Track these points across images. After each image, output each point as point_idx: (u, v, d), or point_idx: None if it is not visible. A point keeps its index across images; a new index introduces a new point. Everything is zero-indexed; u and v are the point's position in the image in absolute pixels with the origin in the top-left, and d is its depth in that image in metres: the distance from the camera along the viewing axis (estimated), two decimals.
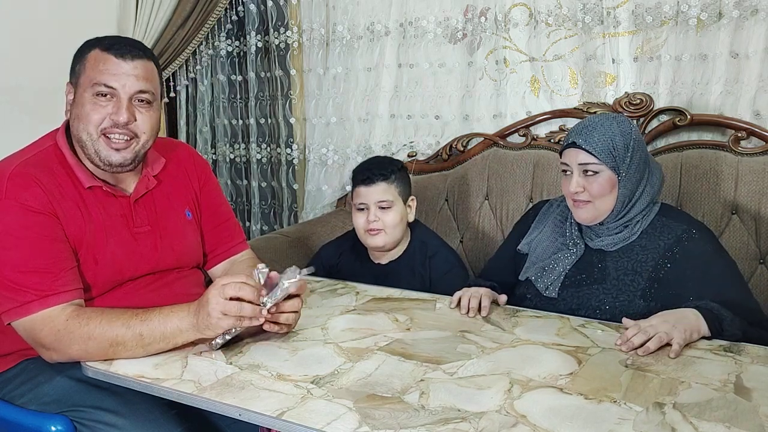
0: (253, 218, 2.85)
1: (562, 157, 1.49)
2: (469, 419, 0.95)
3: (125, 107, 1.28)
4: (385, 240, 1.76)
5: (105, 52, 1.28)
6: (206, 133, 2.88)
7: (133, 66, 1.29)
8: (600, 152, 1.41)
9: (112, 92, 1.28)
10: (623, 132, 1.43)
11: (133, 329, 1.17)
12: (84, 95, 1.28)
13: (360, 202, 1.77)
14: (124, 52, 1.28)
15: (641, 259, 1.43)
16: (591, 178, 1.43)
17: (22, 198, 1.22)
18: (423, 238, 1.84)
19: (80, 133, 1.29)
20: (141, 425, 1.22)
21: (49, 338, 1.19)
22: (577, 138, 1.44)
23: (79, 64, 1.31)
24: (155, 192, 1.42)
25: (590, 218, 1.47)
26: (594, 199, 1.44)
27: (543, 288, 1.49)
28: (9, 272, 1.20)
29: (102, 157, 1.29)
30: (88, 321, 1.18)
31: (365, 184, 1.76)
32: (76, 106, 1.30)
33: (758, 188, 1.81)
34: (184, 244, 1.45)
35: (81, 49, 1.32)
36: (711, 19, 1.91)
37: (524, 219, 1.70)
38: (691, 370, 1.11)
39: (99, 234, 1.30)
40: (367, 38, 2.40)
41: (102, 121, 1.28)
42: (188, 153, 1.55)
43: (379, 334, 1.28)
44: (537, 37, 2.15)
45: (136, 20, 2.53)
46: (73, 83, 1.32)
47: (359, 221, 1.77)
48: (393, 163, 1.82)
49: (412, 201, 1.83)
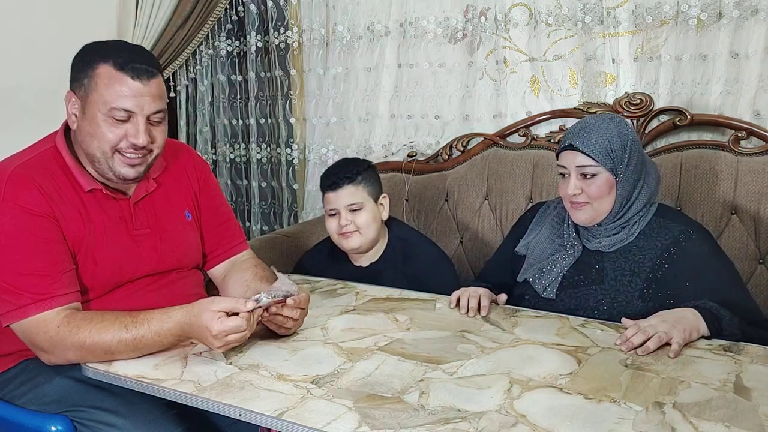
0: (253, 218, 2.85)
1: (558, 159, 1.48)
2: (468, 419, 0.95)
3: (143, 130, 1.26)
4: (360, 241, 1.75)
5: (120, 72, 1.23)
6: (206, 133, 2.87)
7: (149, 87, 1.26)
8: (598, 154, 1.41)
9: (130, 115, 1.25)
10: (620, 133, 1.43)
11: (123, 339, 1.17)
12: (97, 114, 1.25)
13: (330, 208, 1.76)
14: (140, 72, 1.24)
15: (639, 260, 1.43)
16: (589, 181, 1.43)
17: (21, 200, 1.22)
18: (401, 235, 1.83)
19: (93, 150, 1.27)
20: (141, 425, 1.22)
21: (44, 342, 1.19)
22: (574, 140, 1.43)
23: (87, 79, 1.25)
24: (155, 194, 1.41)
25: (588, 220, 1.46)
26: (592, 200, 1.44)
27: (541, 289, 1.49)
28: (6, 275, 1.20)
29: (116, 172, 1.29)
30: (78, 330, 1.17)
31: (332, 189, 1.75)
32: (87, 122, 1.26)
33: (758, 188, 1.81)
34: (184, 245, 1.45)
35: (86, 59, 1.27)
36: (711, 19, 1.91)
37: (522, 221, 1.70)
38: (691, 370, 1.11)
39: (98, 236, 1.30)
40: (367, 38, 2.40)
41: (119, 141, 1.26)
42: (188, 154, 1.55)
43: (379, 334, 1.29)
44: (537, 37, 2.15)
45: (136, 20, 2.53)
46: (81, 96, 1.26)
47: (332, 226, 1.76)
48: (358, 164, 1.79)
49: (384, 199, 1.81)
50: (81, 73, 1.26)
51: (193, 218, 1.49)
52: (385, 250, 1.81)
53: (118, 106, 1.24)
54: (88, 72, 1.25)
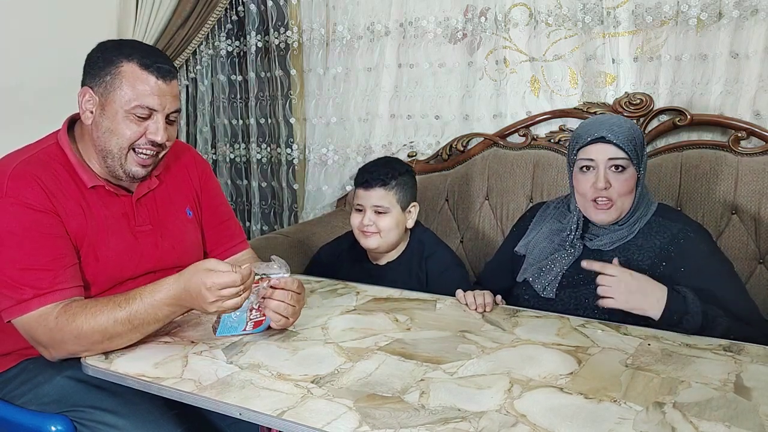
0: (253, 218, 2.85)
1: (582, 153, 1.45)
2: (469, 419, 0.95)
3: (163, 128, 1.29)
4: (378, 243, 1.75)
5: (145, 71, 1.27)
6: (206, 133, 2.88)
7: (170, 87, 1.30)
8: (629, 147, 1.40)
9: (152, 113, 1.29)
10: (637, 128, 1.45)
11: (118, 318, 1.17)
12: (119, 111, 1.27)
13: (358, 203, 1.77)
14: (164, 72, 1.28)
15: (637, 259, 1.43)
16: (619, 175, 1.41)
17: (23, 196, 1.22)
18: (420, 238, 1.83)
19: (110, 146, 1.29)
20: (141, 425, 1.22)
21: (44, 336, 1.19)
22: (604, 133, 1.41)
23: (110, 76, 1.27)
24: (157, 191, 1.42)
25: (611, 220, 1.45)
26: (618, 197, 1.42)
27: (540, 289, 1.49)
28: (8, 270, 1.20)
29: (126, 169, 1.31)
30: (74, 317, 1.17)
31: (364, 186, 1.75)
32: (106, 119, 1.28)
33: (758, 188, 1.81)
34: (185, 242, 1.45)
35: (108, 56, 1.28)
36: (711, 19, 1.91)
37: (521, 221, 1.70)
38: (691, 370, 1.11)
39: (101, 231, 1.31)
40: (367, 38, 2.40)
41: (138, 138, 1.29)
42: (189, 153, 1.56)
43: (379, 334, 1.29)
44: (537, 37, 2.15)
45: (136, 20, 2.53)
46: (100, 93, 1.28)
47: (355, 221, 1.77)
48: (396, 168, 1.78)
49: (413, 207, 1.80)
50: (102, 71, 1.28)
51: (194, 216, 1.50)
52: (403, 252, 1.81)
53: (143, 104, 1.27)
54: (111, 69, 1.27)
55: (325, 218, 2.43)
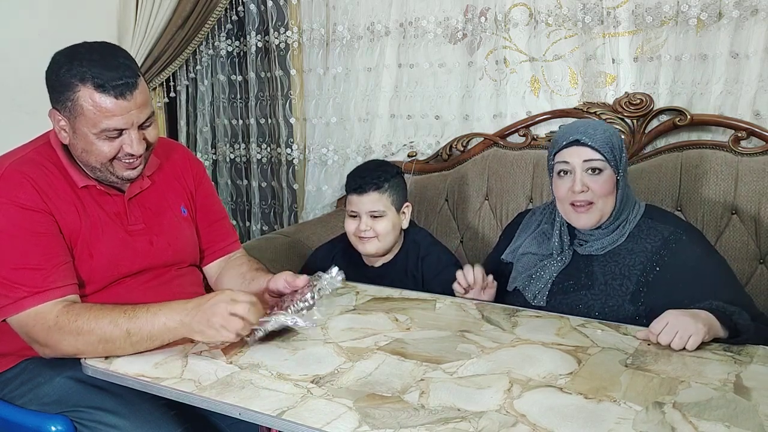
0: (253, 218, 2.85)
1: (557, 157, 1.45)
2: (468, 419, 0.95)
3: (138, 140, 1.26)
4: (377, 247, 1.74)
5: (103, 94, 1.20)
6: (206, 133, 2.88)
7: (133, 101, 1.22)
8: (604, 149, 1.40)
9: (122, 131, 1.25)
10: (615, 132, 1.44)
11: (120, 327, 1.17)
12: (89, 134, 1.23)
13: (351, 209, 1.76)
14: (122, 89, 1.20)
15: (629, 263, 1.42)
16: (596, 177, 1.41)
17: (14, 196, 1.23)
18: (415, 238, 1.82)
19: (91, 163, 1.28)
20: (141, 426, 1.22)
21: (41, 334, 1.20)
22: (578, 136, 1.42)
23: (70, 102, 1.21)
24: (149, 191, 1.42)
25: (592, 223, 1.43)
26: (597, 199, 1.41)
27: (531, 297, 1.48)
28: (2, 269, 1.20)
29: (118, 176, 1.30)
30: (77, 317, 1.18)
31: (357, 192, 1.73)
32: (79, 140, 1.25)
33: (758, 188, 1.81)
34: (181, 240, 1.45)
35: (63, 80, 1.21)
36: (711, 19, 1.91)
37: (509, 228, 1.69)
38: (691, 370, 1.11)
39: (94, 229, 1.31)
40: (367, 38, 2.40)
41: (116, 153, 1.26)
42: (183, 153, 1.56)
43: (379, 334, 1.29)
44: (537, 37, 2.15)
45: (136, 20, 2.53)
46: (66, 117, 1.24)
47: (351, 227, 1.76)
48: (387, 171, 1.76)
49: (407, 208, 1.80)
50: (61, 95, 1.22)
51: (189, 214, 1.50)
52: (398, 253, 1.81)
53: (108, 127, 1.23)
54: (69, 95, 1.21)
55: (325, 218, 2.43)
